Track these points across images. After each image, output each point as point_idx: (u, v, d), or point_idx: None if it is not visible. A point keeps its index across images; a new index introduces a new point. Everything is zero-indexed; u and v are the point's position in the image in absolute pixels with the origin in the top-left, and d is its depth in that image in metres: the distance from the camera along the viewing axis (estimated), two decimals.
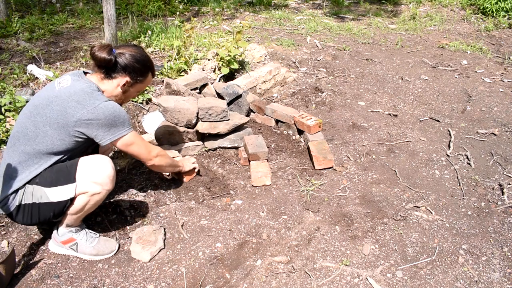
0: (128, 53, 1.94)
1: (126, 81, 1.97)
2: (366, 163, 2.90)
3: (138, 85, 2.05)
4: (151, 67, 2.07)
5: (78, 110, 1.79)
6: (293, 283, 1.91)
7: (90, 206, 1.91)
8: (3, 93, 3.17)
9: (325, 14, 6.70)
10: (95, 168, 1.85)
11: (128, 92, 2.06)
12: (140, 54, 1.99)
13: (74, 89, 1.84)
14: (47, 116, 1.81)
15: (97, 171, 1.85)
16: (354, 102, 3.82)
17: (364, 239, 2.19)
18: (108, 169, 1.87)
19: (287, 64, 4.47)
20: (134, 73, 1.98)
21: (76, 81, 1.88)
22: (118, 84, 1.97)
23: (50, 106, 1.82)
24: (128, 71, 1.96)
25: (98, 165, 1.86)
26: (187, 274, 1.96)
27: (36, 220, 1.88)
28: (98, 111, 1.80)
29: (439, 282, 1.95)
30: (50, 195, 1.83)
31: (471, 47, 5.23)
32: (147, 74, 2.05)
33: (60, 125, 1.80)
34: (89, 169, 1.84)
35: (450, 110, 3.71)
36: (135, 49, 1.99)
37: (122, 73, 1.95)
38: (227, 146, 2.93)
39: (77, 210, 1.89)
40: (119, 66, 1.93)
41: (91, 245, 2.03)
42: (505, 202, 2.51)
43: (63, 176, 1.83)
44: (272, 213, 2.37)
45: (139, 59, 1.97)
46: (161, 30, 4.60)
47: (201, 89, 3.42)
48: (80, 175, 1.83)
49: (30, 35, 4.61)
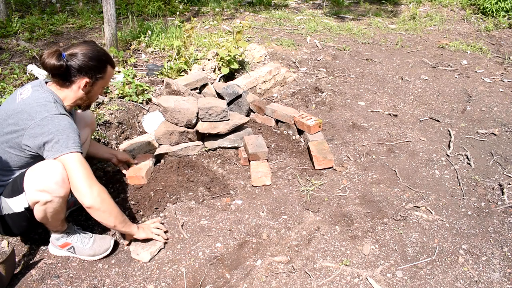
0: (80, 53, 1.81)
1: (86, 82, 1.86)
2: (366, 163, 2.90)
3: (99, 82, 1.93)
4: (108, 60, 1.93)
5: (28, 122, 1.70)
6: (293, 283, 1.91)
7: (53, 213, 1.78)
8: (3, 93, 3.17)
9: (325, 14, 6.69)
10: (40, 175, 1.69)
11: (92, 92, 1.94)
12: (92, 50, 1.85)
13: (30, 100, 1.75)
14: (3, 132, 1.74)
15: (42, 178, 1.68)
16: (354, 102, 3.82)
17: (364, 239, 2.19)
18: (54, 175, 1.68)
19: (287, 64, 4.47)
20: (91, 71, 1.85)
21: (35, 92, 1.79)
22: (79, 86, 1.86)
23: (8, 120, 1.74)
24: (85, 71, 1.83)
25: (43, 171, 1.69)
26: (187, 274, 1.96)
27: (17, 230, 1.87)
28: (43, 123, 1.69)
29: (439, 282, 1.95)
30: (12, 206, 1.79)
31: (471, 47, 5.23)
32: (105, 69, 1.92)
33: (13, 140, 1.73)
34: (34, 177, 1.70)
35: (450, 110, 3.71)
36: (86, 46, 1.85)
37: (79, 75, 1.83)
38: (227, 146, 2.93)
39: (42, 218, 1.79)
40: (73, 69, 1.80)
41: (87, 246, 2.01)
42: (505, 202, 2.51)
43: (16, 186, 1.77)
44: (272, 213, 2.37)
45: (93, 56, 1.84)
46: (161, 30, 4.60)
47: (201, 89, 3.42)
48: (26, 184, 1.72)
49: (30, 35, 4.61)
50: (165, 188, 2.54)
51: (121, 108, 3.20)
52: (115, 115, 3.12)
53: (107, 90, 3.34)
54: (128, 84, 3.43)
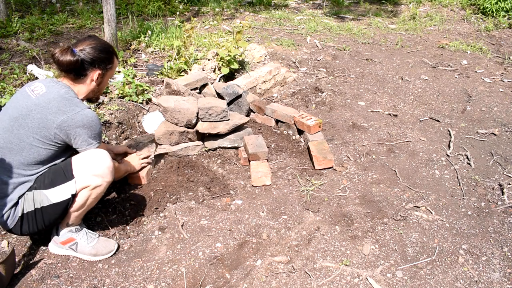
0: (88, 48, 1.93)
1: (98, 73, 1.99)
2: (366, 163, 2.90)
3: (108, 72, 2.06)
4: (114, 51, 2.07)
5: (59, 116, 1.81)
6: (293, 283, 1.91)
7: (92, 200, 1.93)
8: (3, 93, 3.17)
9: (325, 14, 6.69)
10: (94, 161, 1.87)
11: (103, 83, 2.08)
12: (99, 43, 1.98)
13: (53, 95, 1.85)
14: (29, 127, 1.81)
15: (96, 163, 1.87)
16: (354, 102, 3.82)
17: (364, 239, 2.19)
18: (107, 161, 1.89)
19: (287, 64, 4.47)
20: (102, 63, 1.98)
21: (52, 87, 1.89)
22: (92, 79, 1.98)
23: (31, 115, 1.82)
24: (97, 63, 1.96)
25: (96, 158, 1.88)
26: (187, 274, 1.96)
27: (42, 225, 1.89)
28: (77, 117, 1.83)
29: (439, 282, 1.95)
30: (51, 197, 1.83)
31: (471, 47, 5.23)
32: (112, 59, 2.05)
33: (42, 134, 1.81)
34: (88, 163, 1.87)
35: (450, 110, 3.71)
36: (93, 41, 1.97)
37: (92, 68, 1.96)
38: (227, 146, 2.93)
39: (79, 206, 1.91)
40: (86, 63, 1.93)
41: (91, 244, 2.03)
42: (505, 202, 2.51)
43: (59, 175, 1.85)
44: (272, 213, 2.37)
45: (102, 49, 1.97)
46: (161, 30, 4.60)
47: (201, 89, 3.42)
48: (79, 170, 1.85)
49: (30, 35, 4.61)
50: (165, 188, 2.54)
51: (121, 108, 3.20)
52: (115, 115, 3.12)
53: (107, 90, 3.34)
54: (128, 84, 3.43)
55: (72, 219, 1.97)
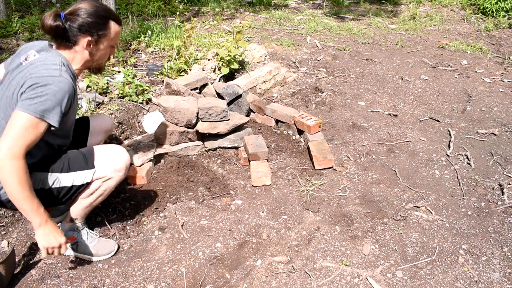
0: (78, 11, 1.75)
1: (88, 40, 1.77)
2: (366, 163, 2.90)
3: (104, 40, 1.83)
4: (109, 15, 1.83)
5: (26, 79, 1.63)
6: (293, 283, 1.91)
7: (105, 194, 1.96)
8: None
9: (325, 14, 6.69)
10: (116, 155, 1.91)
11: (99, 52, 1.86)
12: (90, 6, 1.78)
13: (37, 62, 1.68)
14: (6, 96, 1.67)
15: (118, 158, 1.91)
16: (354, 102, 3.82)
17: (364, 239, 2.19)
18: (127, 157, 1.94)
19: (287, 64, 4.47)
20: (92, 29, 1.76)
21: (42, 55, 1.73)
22: (82, 46, 1.78)
23: (11, 83, 1.68)
24: (85, 29, 1.75)
25: (118, 152, 1.92)
26: (187, 274, 1.96)
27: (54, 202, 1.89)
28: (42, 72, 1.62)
29: (439, 282, 1.95)
30: (64, 180, 1.83)
31: (471, 47, 5.23)
32: (107, 24, 1.81)
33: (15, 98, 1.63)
34: (110, 156, 1.90)
35: (450, 110, 3.71)
36: (85, 4, 1.78)
37: (80, 34, 1.75)
38: (227, 146, 2.93)
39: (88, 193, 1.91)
40: (73, 28, 1.73)
41: (91, 244, 2.03)
42: (505, 202, 2.51)
43: (78, 162, 1.86)
44: (272, 213, 2.37)
45: (91, 12, 1.76)
46: (161, 30, 4.59)
47: (201, 89, 3.43)
48: (101, 161, 1.87)
49: (30, 35, 4.61)
50: (165, 188, 2.54)
51: (121, 108, 3.20)
52: (115, 115, 3.12)
53: (107, 90, 3.34)
54: (128, 84, 3.43)
55: (76, 213, 1.97)
